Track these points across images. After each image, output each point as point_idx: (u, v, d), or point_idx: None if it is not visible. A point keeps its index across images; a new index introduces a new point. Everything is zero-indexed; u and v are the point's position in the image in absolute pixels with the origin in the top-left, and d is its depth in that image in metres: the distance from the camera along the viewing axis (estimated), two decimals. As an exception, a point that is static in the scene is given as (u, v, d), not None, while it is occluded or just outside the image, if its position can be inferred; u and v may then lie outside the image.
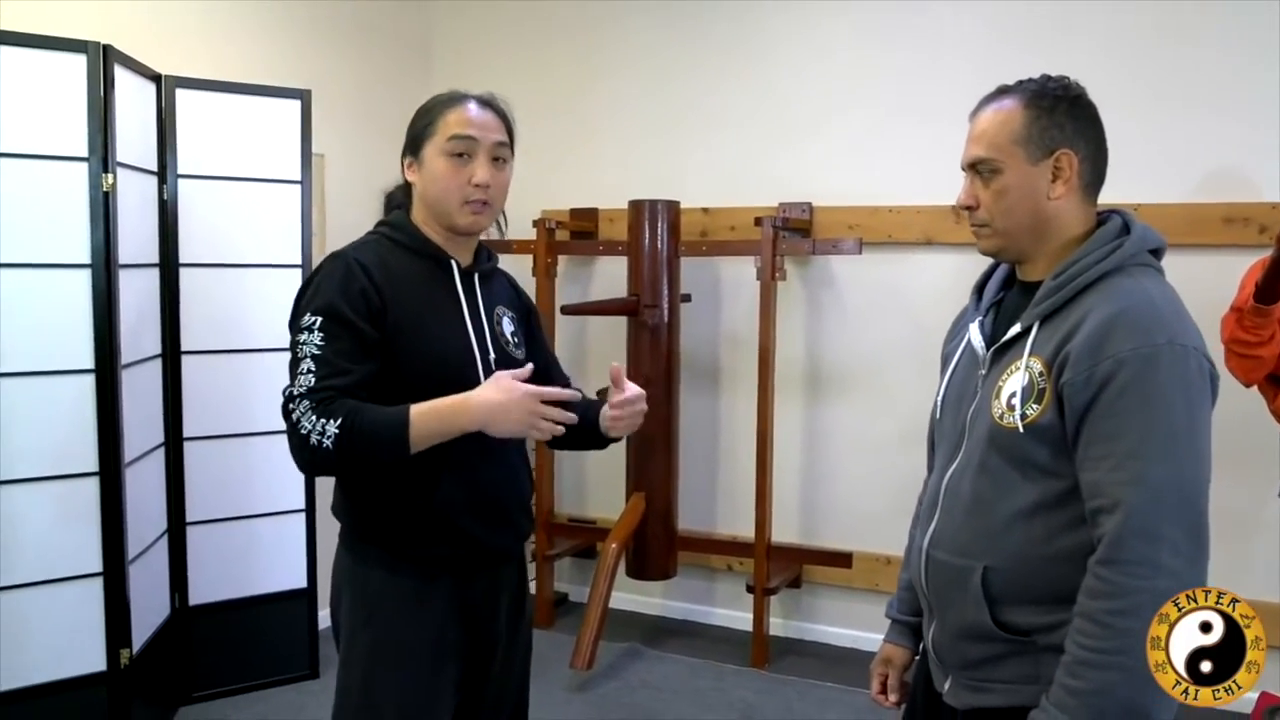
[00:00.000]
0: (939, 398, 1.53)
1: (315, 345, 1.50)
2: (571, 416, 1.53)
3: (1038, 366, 1.33)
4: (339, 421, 1.44)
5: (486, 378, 1.56)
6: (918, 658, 1.64)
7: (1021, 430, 1.32)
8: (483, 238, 1.76)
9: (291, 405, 1.48)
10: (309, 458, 1.47)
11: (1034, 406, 1.32)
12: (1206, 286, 2.72)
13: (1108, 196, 1.45)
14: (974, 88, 1.52)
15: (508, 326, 1.72)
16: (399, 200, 1.73)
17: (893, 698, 1.65)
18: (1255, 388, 2.60)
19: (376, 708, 1.59)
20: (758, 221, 3.42)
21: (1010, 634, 1.35)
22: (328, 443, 1.44)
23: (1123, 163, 3.08)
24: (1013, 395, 1.34)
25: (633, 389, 1.65)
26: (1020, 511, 1.34)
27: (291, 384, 1.51)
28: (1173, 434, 1.24)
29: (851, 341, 3.67)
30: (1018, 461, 1.34)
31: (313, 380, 1.48)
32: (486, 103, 1.65)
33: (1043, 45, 3.24)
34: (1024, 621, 1.34)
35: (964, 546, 1.40)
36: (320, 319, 1.51)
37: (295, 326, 1.54)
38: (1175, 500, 1.23)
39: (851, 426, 3.69)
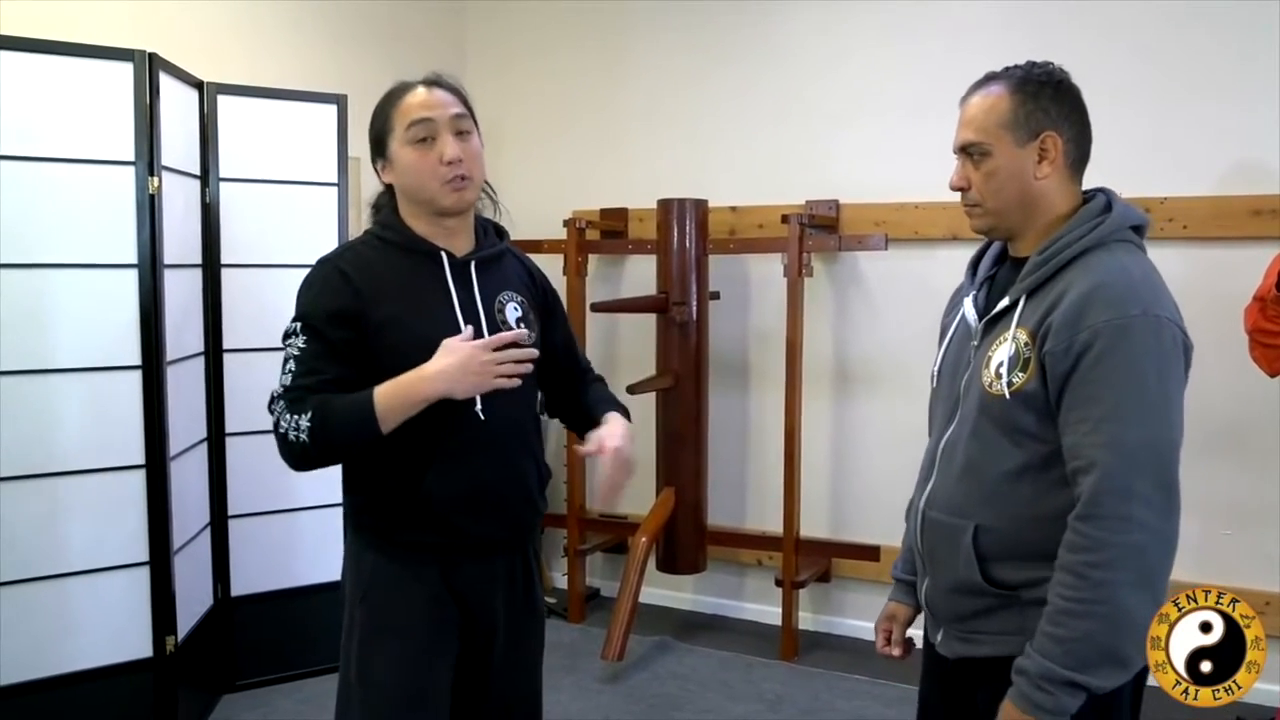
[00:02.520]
0: (935, 367, 1.61)
1: (297, 348, 1.58)
2: (531, 353, 1.58)
3: (1023, 337, 1.40)
4: (309, 415, 1.52)
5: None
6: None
7: (1009, 397, 1.40)
8: (487, 217, 1.78)
9: (272, 406, 1.58)
10: (290, 452, 1.56)
11: (1020, 375, 1.39)
12: (1234, 279, 2.74)
13: (1135, 190, 1.50)
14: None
15: (512, 313, 1.70)
16: (385, 206, 1.73)
17: (897, 650, 1.73)
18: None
19: (371, 682, 1.64)
20: (785, 219, 3.46)
21: (998, 589, 1.43)
22: (303, 436, 1.52)
23: (1148, 156, 3.16)
24: (1001, 364, 1.42)
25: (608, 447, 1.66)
26: (1009, 474, 1.41)
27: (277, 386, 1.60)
28: (1145, 399, 1.31)
29: (879, 337, 3.70)
30: (1006, 427, 1.41)
31: (289, 380, 1.57)
32: (433, 82, 1.65)
33: (1066, 40, 3.24)
34: (1011, 577, 1.42)
35: (957, 506, 1.47)
36: (300, 324, 1.59)
37: (286, 330, 1.61)
38: (1147, 460, 1.30)
39: (879, 421, 3.71)
